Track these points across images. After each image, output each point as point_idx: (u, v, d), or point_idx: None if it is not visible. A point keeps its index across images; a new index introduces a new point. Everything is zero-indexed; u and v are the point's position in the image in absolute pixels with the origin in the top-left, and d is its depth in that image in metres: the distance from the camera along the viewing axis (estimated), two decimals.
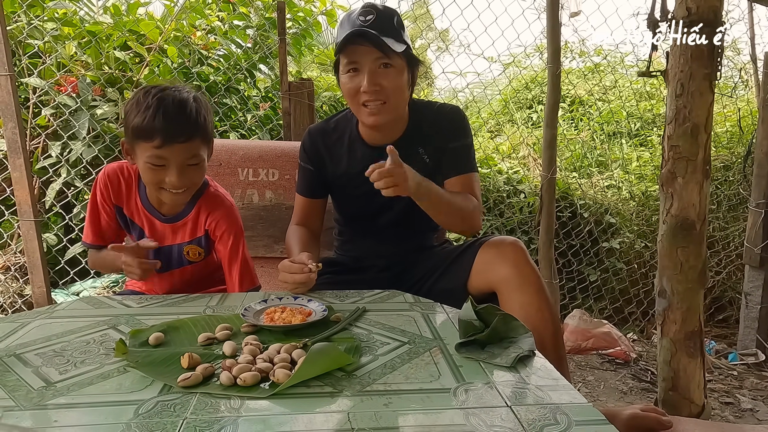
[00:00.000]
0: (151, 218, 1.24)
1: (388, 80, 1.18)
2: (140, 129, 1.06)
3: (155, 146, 1.05)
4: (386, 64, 1.18)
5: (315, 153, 1.37)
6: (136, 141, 1.08)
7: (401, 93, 1.22)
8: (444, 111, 1.34)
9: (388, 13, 1.21)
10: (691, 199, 1.27)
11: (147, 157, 1.07)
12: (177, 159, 1.08)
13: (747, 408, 2.02)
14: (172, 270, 1.29)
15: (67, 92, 2.32)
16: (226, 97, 2.75)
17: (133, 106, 1.09)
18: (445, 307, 1.04)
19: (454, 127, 1.32)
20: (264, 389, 0.68)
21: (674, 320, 1.31)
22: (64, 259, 2.31)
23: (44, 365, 0.75)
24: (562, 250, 3.00)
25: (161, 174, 1.09)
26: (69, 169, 2.32)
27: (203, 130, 1.11)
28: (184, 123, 1.07)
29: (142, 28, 2.52)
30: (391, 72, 1.18)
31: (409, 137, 1.32)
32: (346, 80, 1.22)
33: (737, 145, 3.25)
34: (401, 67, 1.21)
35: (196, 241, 1.26)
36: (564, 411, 0.65)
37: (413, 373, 0.74)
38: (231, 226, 1.24)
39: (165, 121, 1.04)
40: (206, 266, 1.33)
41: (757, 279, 2.67)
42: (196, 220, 1.24)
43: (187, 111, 1.07)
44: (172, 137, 1.05)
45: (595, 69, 3.78)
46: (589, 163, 3.62)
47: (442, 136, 1.31)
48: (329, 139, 1.36)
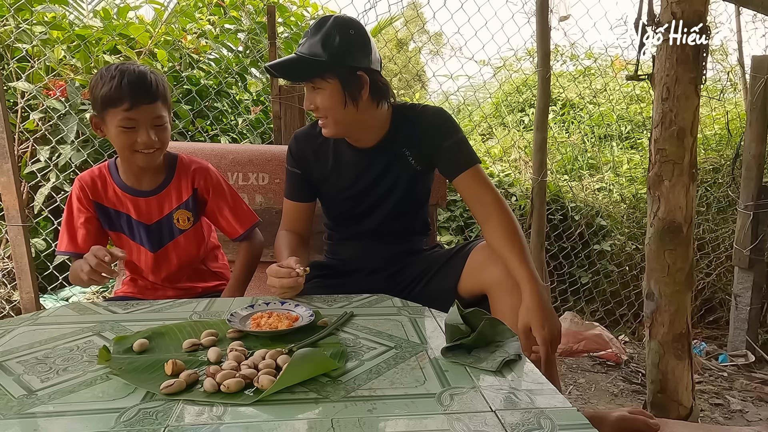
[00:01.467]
0: (135, 199, 1.31)
1: (319, 101, 1.23)
2: (109, 97, 1.17)
3: (125, 109, 1.17)
4: (315, 87, 1.23)
5: (301, 157, 1.38)
6: (106, 110, 1.19)
7: (335, 111, 1.24)
8: (428, 113, 1.34)
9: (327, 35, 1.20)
10: (678, 201, 1.28)
11: (118, 121, 1.18)
12: (145, 119, 1.20)
13: (736, 409, 2.04)
14: (165, 246, 1.34)
15: (55, 96, 2.30)
16: (217, 101, 2.75)
17: (98, 80, 1.20)
18: (433, 311, 1.04)
19: (442, 126, 1.32)
20: (248, 395, 0.68)
21: (662, 323, 1.31)
22: (52, 264, 2.29)
23: (26, 373, 0.74)
24: (553, 253, 3.01)
25: (133, 136, 1.20)
26: (58, 174, 2.30)
27: (163, 95, 1.24)
28: (147, 88, 1.20)
29: (131, 31, 2.51)
30: (318, 93, 1.23)
31: (391, 138, 1.32)
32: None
33: (726, 147, 3.27)
34: (330, 89, 1.22)
35: (184, 204, 1.35)
36: (548, 415, 0.65)
37: (399, 378, 0.74)
38: (214, 175, 1.39)
39: (130, 86, 1.17)
40: (197, 238, 1.40)
41: (747, 280, 2.69)
42: (179, 185, 1.35)
43: (147, 79, 1.21)
44: (138, 99, 1.18)
45: (585, 72, 3.80)
46: (580, 165, 3.64)
47: (431, 138, 1.31)
48: (315, 143, 1.37)
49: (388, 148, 1.32)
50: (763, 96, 2.53)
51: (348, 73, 1.21)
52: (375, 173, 1.33)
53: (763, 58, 2.56)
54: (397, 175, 1.33)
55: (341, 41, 1.19)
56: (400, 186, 1.34)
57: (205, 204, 1.39)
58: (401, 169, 1.33)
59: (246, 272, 1.39)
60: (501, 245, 1.16)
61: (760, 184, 2.61)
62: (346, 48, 1.19)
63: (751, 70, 2.58)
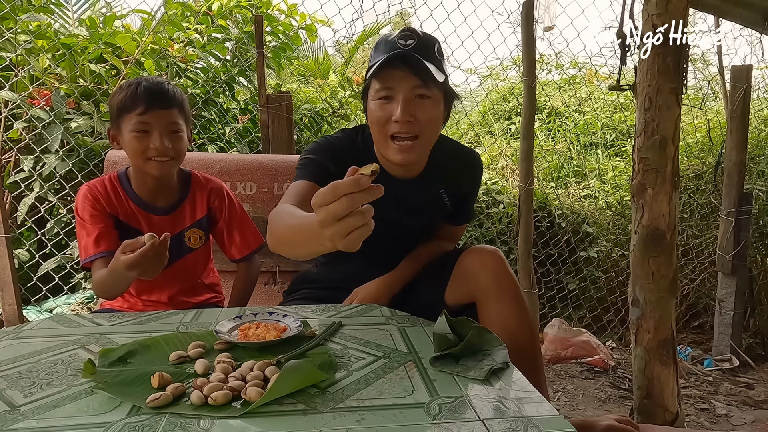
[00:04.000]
0: (149, 216, 1.28)
1: (423, 112, 1.06)
2: (124, 103, 1.18)
3: (139, 113, 1.17)
4: (423, 95, 1.06)
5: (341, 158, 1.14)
6: (121, 117, 1.19)
7: (435, 128, 1.10)
8: (462, 153, 1.27)
9: (430, 41, 1.11)
10: (661, 209, 1.30)
11: (132, 125, 1.18)
12: (159, 123, 1.19)
13: (722, 413, 2.06)
14: (173, 264, 1.30)
15: (40, 105, 2.28)
16: (205, 110, 2.74)
17: (117, 91, 1.22)
18: (421, 320, 1.04)
19: (473, 175, 1.28)
20: (235, 408, 0.67)
21: (647, 329, 1.33)
22: (36, 275, 2.25)
23: (9, 388, 0.73)
24: (540, 260, 3.03)
25: (146, 141, 1.18)
26: (42, 184, 2.27)
27: (180, 103, 1.24)
28: (164, 93, 1.20)
29: (118, 40, 2.50)
30: (427, 104, 1.07)
31: (429, 175, 1.22)
32: (375, 108, 1.09)
33: (708, 155, 3.34)
34: (438, 100, 1.10)
35: (197, 223, 1.34)
36: (535, 423, 0.65)
37: (387, 388, 0.74)
38: (229, 196, 1.39)
39: (146, 91, 1.18)
40: (205, 256, 1.39)
41: (730, 285, 2.74)
42: (193, 203, 1.33)
43: (164, 86, 1.22)
44: (153, 104, 1.17)
45: (570, 81, 3.86)
46: (566, 173, 3.68)
47: (460, 182, 1.25)
48: (356, 152, 1.21)
49: (423, 183, 1.21)
50: (742, 105, 2.59)
51: (447, 86, 1.13)
52: (407, 209, 1.22)
53: (743, 68, 2.63)
54: (431, 214, 1.27)
55: (439, 50, 1.12)
56: (429, 226, 1.30)
57: (216, 223, 1.37)
58: (437, 209, 1.26)
59: (244, 297, 1.39)
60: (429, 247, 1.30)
61: (741, 191, 2.66)
62: (443, 58, 1.14)
63: (731, 80, 2.65)
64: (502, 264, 1.16)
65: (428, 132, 1.09)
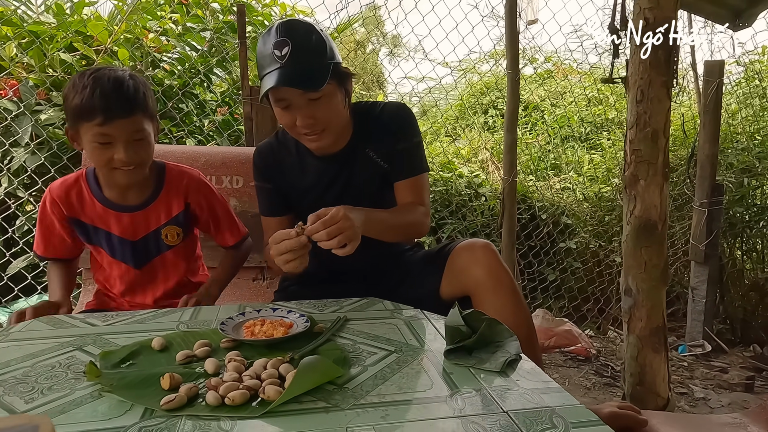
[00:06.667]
0: (118, 214, 1.21)
1: (320, 111, 1.14)
2: (80, 109, 1.06)
3: (97, 124, 1.06)
4: (313, 98, 1.13)
5: (267, 169, 1.33)
6: (79, 123, 1.08)
7: (338, 115, 1.18)
8: (389, 110, 1.30)
9: (305, 38, 1.13)
10: (653, 200, 1.33)
11: (91, 136, 1.08)
12: (122, 135, 1.08)
13: (700, 397, 2.14)
14: (151, 262, 1.26)
15: (7, 96, 2.17)
16: (182, 102, 2.65)
17: (71, 88, 1.09)
18: (426, 313, 1.03)
19: (402, 125, 1.29)
20: (255, 408, 0.65)
21: (640, 317, 1.36)
22: (6, 274, 2.15)
23: (6, 394, 0.69)
24: (522, 252, 3.07)
25: (109, 152, 1.09)
26: (11, 178, 2.16)
27: (143, 105, 1.12)
28: (123, 99, 1.07)
29: (89, 29, 2.39)
30: (321, 102, 1.14)
31: (356, 142, 1.29)
32: (279, 115, 1.19)
33: (681, 147, 3.44)
34: (331, 92, 1.15)
35: (174, 220, 1.26)
36: (559, 414, 0.65)
37: (406, 383, 0.73)
38: (207, 188, 1.32)
39: (103, 98, 1.05)
40: (186, 252, 1.33)
41: (702, 274, 2.83)
42: (168, 198, 1.25)
43: (124, 87, 1.08)
44: (112, 114, 1.06)
45: (550, 75, 3.91)
46: (545, 166, 3.74)
47: (391, 137, 1.28)
48: (279, 155, 1.32)
49: (353, 151, 1.28)
50: (715, 99, 2.67)
51: (338, 69, 1.17)
52: (344, 179, 1.29)
53: (715, 63, 2.71)
54: (366, 177, 1.30)
55: (318, 40, 1.14)
56: (372, 187, 1.31)
57: (197, 218, 1.32)
58: (370, 170, 1.29)
59: (231, 271, 1.37)
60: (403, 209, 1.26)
61: (713, 183, 2.75)
62: (330, 44, 1.17)
63: (704, 75, 2.72)
64: (495, 257, 1.17)
65: (333, 121, 1.17)
